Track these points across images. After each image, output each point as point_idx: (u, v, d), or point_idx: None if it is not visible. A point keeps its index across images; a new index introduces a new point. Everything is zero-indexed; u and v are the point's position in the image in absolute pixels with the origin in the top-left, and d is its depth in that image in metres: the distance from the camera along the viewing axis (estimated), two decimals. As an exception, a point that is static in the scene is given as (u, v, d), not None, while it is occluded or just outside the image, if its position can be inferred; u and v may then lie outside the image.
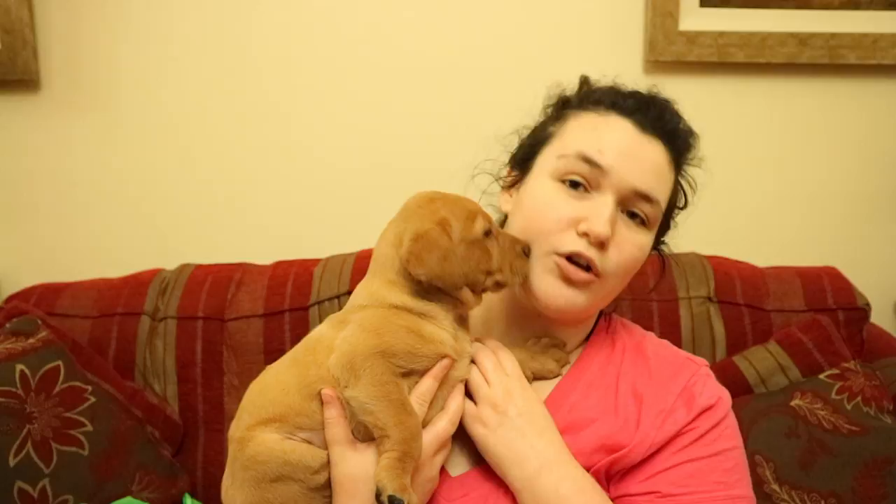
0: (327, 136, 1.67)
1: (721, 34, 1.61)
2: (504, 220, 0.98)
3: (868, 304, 1.43)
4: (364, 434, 0.80)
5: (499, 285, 0.86)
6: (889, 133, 1.69)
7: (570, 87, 1.00)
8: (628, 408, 0.88)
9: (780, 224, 1.71)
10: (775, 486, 1.21)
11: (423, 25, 1.64)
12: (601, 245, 0.84)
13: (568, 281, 0.86)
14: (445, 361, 0.82)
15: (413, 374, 0.81)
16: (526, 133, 1.00)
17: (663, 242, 1.02)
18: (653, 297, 1.42)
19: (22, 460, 1.19)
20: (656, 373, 0.90)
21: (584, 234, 0.84)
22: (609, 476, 0.86)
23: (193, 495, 1.37)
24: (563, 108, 0.96)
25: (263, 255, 1.57)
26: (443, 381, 0.83)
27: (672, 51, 1.61)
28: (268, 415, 0.82)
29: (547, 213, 0.87)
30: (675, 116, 0.94)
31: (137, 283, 1.49)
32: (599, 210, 0.85)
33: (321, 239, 1.66)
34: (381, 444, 0.77)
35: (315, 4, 1.63)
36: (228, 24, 1.63)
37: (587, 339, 0.98)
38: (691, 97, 1.64)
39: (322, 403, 0.80)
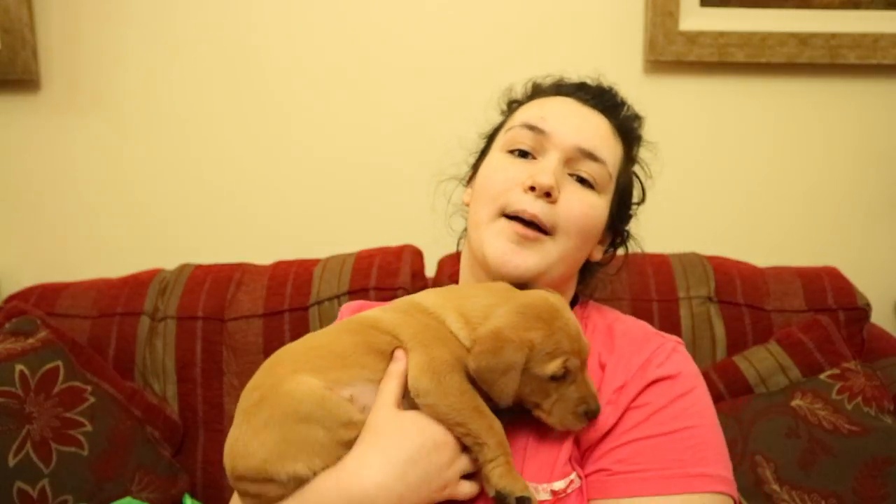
0: (327, 137, 1.67)
1: (721, 34, 1.61)
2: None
3: (868, 304, 1.43)
4: (408, 404, 0.80)
5: (539, 416, 0.83)
6: (889, 133, 1.69)
7: (522, 88, 1.09)
8: (594, 382, 0.86)
9: (781, 224, 1.71)
10: (775, 487, 1.21)
11: (423, 26, 1.64)
12: (547, 196, 0.86)
13: (518, 240, 0.87)
14: None
15: None
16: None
17: (627, 234, 1.03)
18: (653, 297, 1.42)
19: (21, 460, 1.19)
20: (619, 349, 0.89)
21: (530, 189, 0.87)
22: (581, 456, 0.85)
23: (193, 495, 1.37)
24: (514, 105, 1.04)
25: (263, 255, 1.57)
26: None
27: (672, 51, 1.61)
28: (312, 366, 0.80)
29: (496, 177, 0.91)
30: (619, 99, 1.00)
31: (137, 283, 1.49)
32: (543, 166, 0.89)
33: (321, 239, 1.66)
34: (481, 452, 0.77)
35: (317, 4, 1.63)
36: (229, 24, 1.63)
37: None
38: (691, 97, 1.67)
39: (385, 359, 0.81)
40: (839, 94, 1.67)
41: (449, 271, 1.46)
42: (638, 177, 1.03)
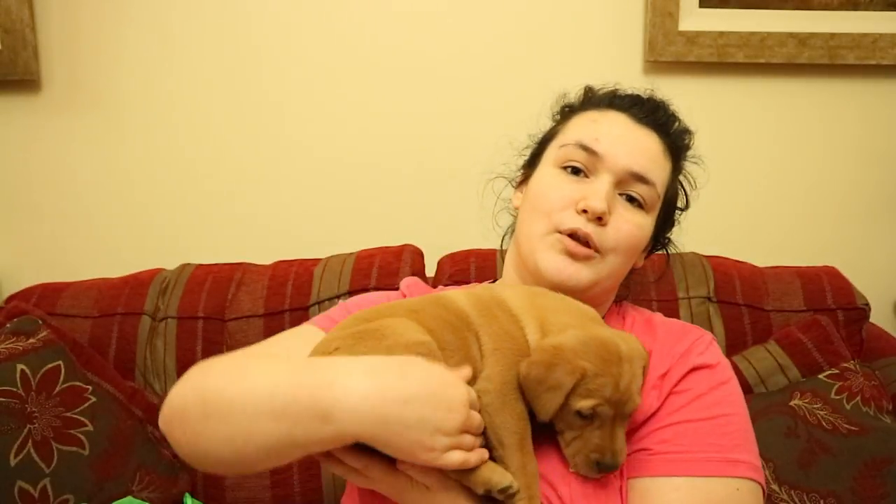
0: (328, 137, 1.67)
1: (721, 34, 1.61)
2: (515, 218, 1.03)
3: (867, 304, 1.43)
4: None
5: (560, 442, 0.83)
6: (889, 133, 1.69)
7: (576, 94, 1.07)
8: None
9: (780, 224, 1.71)
10: (775, 486, 1.21)
11: (424, 27, 1.64)
12: (598, 220, 0.90)
13: (570, 255, 0.90)
14: None
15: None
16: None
17: (668, 240, 1.06)
18: (653, 297, 1.42)
19: (23, 460, 1.19)
20: (661, 339, 0.92)
21: (583, 211, 0.90)
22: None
23: (193, 495, 1.37)
24: (567, 111, 1.04)
25: (263, 255, 1.57)
26: None
27: (672, 51, 1.61)
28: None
29: (549, 194, 0.93)
30: (670, 113, 1.01)
31: (137, 283, 1.49)
32: (596, 189, 0.91)
33: (321, 239, 1.66)
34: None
35: (317, 5, 1.63)
36: (229, 24, 1.63)
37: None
38: (691, 97, 1.65)
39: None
40: (838, 95, 1.67)
41: (449, 271, 1.46)
42: (682, 186, 1.06)
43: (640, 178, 0.92)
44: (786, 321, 1.41)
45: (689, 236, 1.59)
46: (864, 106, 1.68)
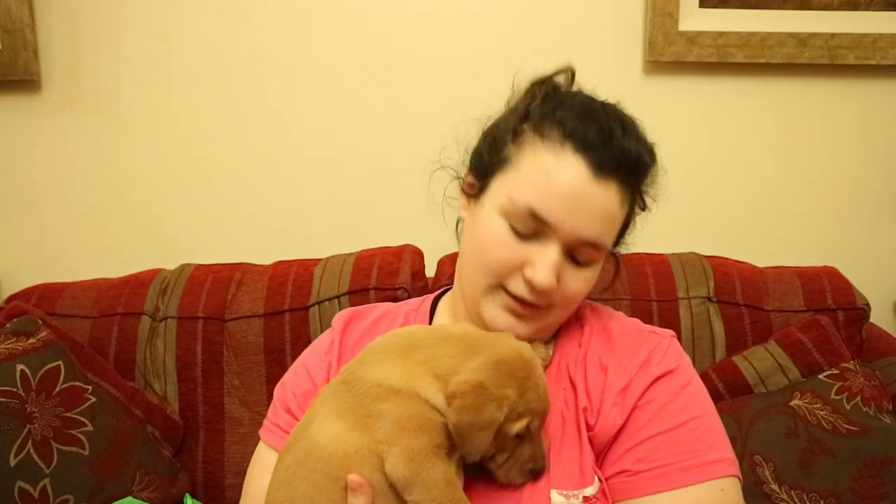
0: (328, 137, 1.67)
1: (720, 34, 1.61)
2: (458, 228, 0.99)
3: (868, 304, 1.43)
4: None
5: (488, 466, 0.83)
6: (889, 133, 1.69)
7: (540, 80, 0.99)
8: (597, 385, 0.88)
9: (780, 224, 1.71)
10: (775, 486, 1.21)
11: (423, 26, 1.64)
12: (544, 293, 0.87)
13: (515, 314, 0.89)
14: None
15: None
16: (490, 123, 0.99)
17: (622, 243, 1.00)
18: (653, 297, 1.42)
19: (22, 460, 1.19)
20: (619, 351, 0.90)
21: (529, 282, 0.86)
22: (596, 458, 0.86)
23: (193, 495, 1.38)
24: (523, 120, 0.91)
25: (263, 255, 1.57)
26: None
27: (672, 51, 1.61)
28: None
29: (495, 252, 0.88)
30: (637, 145, 0.89)
31: (137, 283, 1.49)
32: (544, 259, 0.85)
33: (321, 239, 1.66)
34: None
35: (317, 5, 1.63)
36: (229, 24, 1.63)
37: (558, 330, 0.98)
38: (691, 97, 1.67)
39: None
40: (838, 95, 1.67)
41: (449, 271, 1.46)
42: (640, 196, 0.97)
43: (591, 245, 0.87)
44: (786, 321, 1.41)
45: (689, 236, 1.60)
46: (864, 106, 1.68)
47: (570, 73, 0.98)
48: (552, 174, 0.85)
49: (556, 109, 0.89)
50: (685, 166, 1.66)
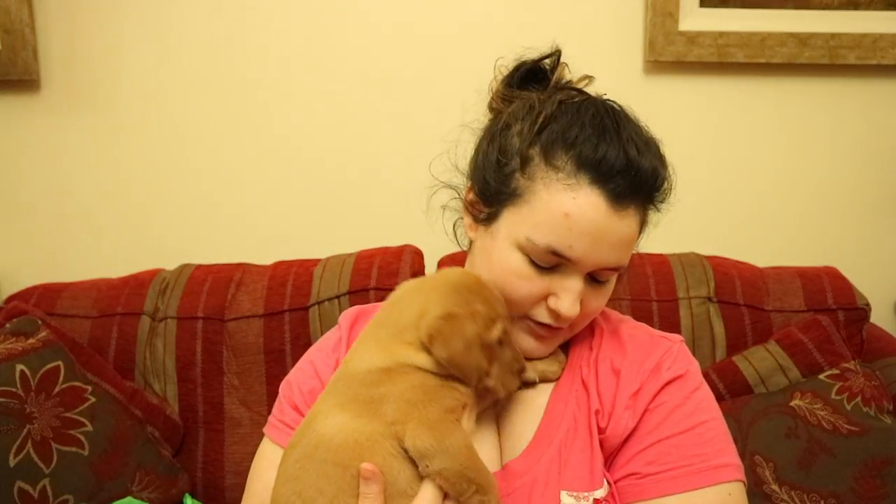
0: (328, 137, 1.67)
1: (721, 34, 1.61)
2: (470, 243, 0.97)
3: (868, 304, 1.43)
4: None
5: (486, 390, 0.84)
6: (889, 133, 1.69)
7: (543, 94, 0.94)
8: (609, 388, 0.89)
9: (780, 224, 1.71)
10: (775, 487, 1.21)
11: (421, 26, 1.64)
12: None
13: (538, 337, 0.91)
14: None
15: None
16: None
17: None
18: (653, 297, 1.42)
19: (22, 460, 1.19)
20: (631, 355, 0.91)
21: (554, 311, 0.86)
22: (605, 461, 0.87)
23: (193, 495, 1.37)
24: (530, 144, 0.85)
25: (263, 255, 1.57)
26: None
27: (672, 51, 1.61)
28: None
29: (517, 286, 0.86)
30: (652, 159, 0.86)
31: (137, 283, 1.49)
32: (568, 290, 0.85)
33: (321, 239, 1.66)
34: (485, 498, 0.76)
35: (317, 6, 1.63)
36: (228, 24, 1.63)
37: None
38: (691, 97, 1.67)
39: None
40: (839, 95, 1.67)
41: (449, 271, 1.46)
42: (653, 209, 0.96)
43: (613, 269, 0.88)
44: (786, 321, 1.41)
45: (689, 236, 1.60)
46: (865, 106, 1.68)
47: (556, 56, 0.99)
48: (571, 214, 0.82)
49: (566, 131, 0.84)
50: (685, 166, 1.65)
